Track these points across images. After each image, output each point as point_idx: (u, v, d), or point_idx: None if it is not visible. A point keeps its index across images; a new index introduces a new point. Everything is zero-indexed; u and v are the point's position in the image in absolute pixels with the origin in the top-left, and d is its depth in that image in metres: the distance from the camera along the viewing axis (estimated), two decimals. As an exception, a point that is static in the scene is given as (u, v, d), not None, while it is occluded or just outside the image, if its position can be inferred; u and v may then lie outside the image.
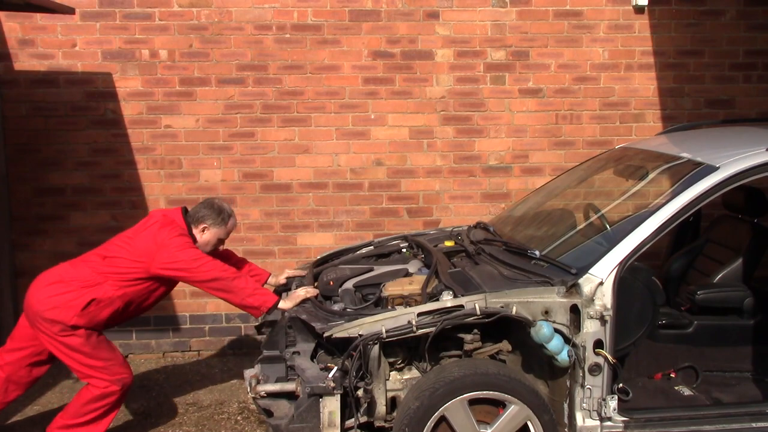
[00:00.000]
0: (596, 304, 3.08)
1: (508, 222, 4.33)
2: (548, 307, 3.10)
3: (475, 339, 3.24)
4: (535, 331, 3.03)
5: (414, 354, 3.29)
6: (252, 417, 4.33)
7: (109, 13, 5.11)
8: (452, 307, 3.12)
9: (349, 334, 3.11)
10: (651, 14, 5.41)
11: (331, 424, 3.10)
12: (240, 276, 3.61)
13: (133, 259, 3.60)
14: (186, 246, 3.59)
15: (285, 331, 3.47)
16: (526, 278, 3.27)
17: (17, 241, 5.20)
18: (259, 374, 3.39)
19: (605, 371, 3.11)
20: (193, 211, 3.79)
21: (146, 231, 3.65)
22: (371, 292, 3.57)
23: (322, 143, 5.32)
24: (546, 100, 5.43)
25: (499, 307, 3.10)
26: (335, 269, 3.88)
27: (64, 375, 4.97)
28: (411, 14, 5.27)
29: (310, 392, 3.10)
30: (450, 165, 5.42)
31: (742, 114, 5.51)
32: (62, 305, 3.53)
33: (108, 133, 5.20)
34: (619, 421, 3.17)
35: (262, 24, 5.20)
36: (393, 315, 3.14)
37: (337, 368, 3.11)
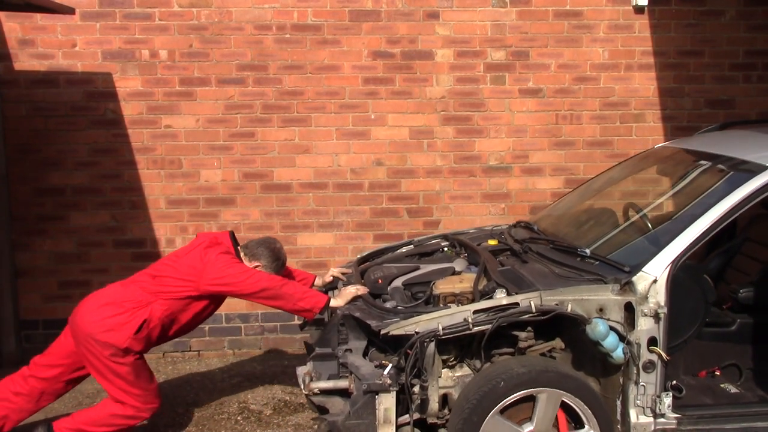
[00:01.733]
0: (650, 302, 3.12)
1: (550, 221, 4.35)
2: (603, 305, 3.13)
3: (529, 336, 3.27)
4: (590, 329, 3.06)
5: (465, 351, 3.33)
6: (252, 417, 4.33)
7: (109, 13, 5.11)
8: (508, 304, 3.16)
9: (405, 331, 3.14)
10: (651, 14, 5.41)
11: (387, 420, 3.14)
12: (287, 282, 3.66)
13: (181, 277, 3.64)
14: (232, 262, 3.66)
15: (337, 329, 3.50)
16: (578, 276, 3.30)
17: (17, 241, 5.20)
18: (312, 371, 3.41)
19: (659, 368, 3.15)
20: (251, 244, 3.86)
21: (194, 251, 3.72)
22: (421, 290, 3.60)
23: (322, 143, 5.32)
24: (546, 100, 5.43)
25: (554, 304, 3.13)
26: (381, 268, 3.91)
27: (64, 375, 4.98)
28: (411, 14, 5.27)
29: (366, 389, 3.14)
30: (450, 165, 5.42)
31: (743, 114, 5.51)
32: (116, 328, 3.56)
33: (108, 133, 5.20)
34: (672, 418, 3.20)
35: (262, 24, 5.20)
36: (449, 313, 3.17)
37: (391, 365, 3.15)
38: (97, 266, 5.26)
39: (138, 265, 5.25)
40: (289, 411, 4.39)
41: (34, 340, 5.25)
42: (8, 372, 5.01)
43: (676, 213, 3.61)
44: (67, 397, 4.61)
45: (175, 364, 5.23)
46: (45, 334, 5.26)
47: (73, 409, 4.45)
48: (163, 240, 5.29)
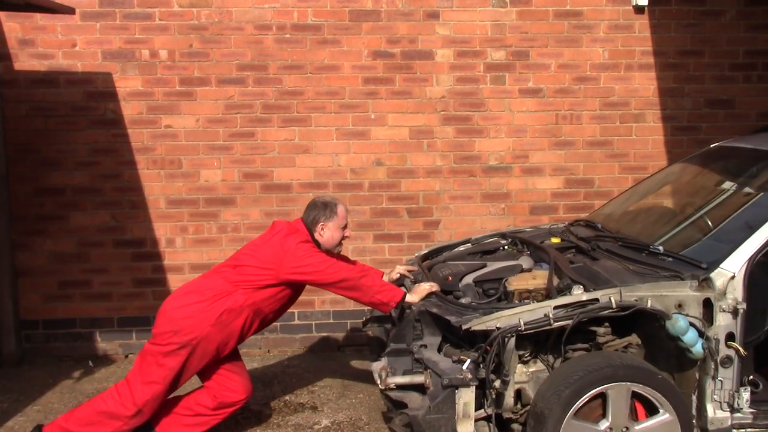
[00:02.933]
0: (728, 298, 3.19)
1: (610, 219, 4.39)
2: (681, 301, 3.20)
3: (607, 332, 3.33)
4: (671, 324, 3.12)
5: (540, 347, 3.36)
6: (252, 417, 4.33)
7: (109, 13, 5.11)
8: (587, 300, 3.21)
9: (487, 326, 3.19)
10: (651, 14, 5.41)
11: (466, 415, 3.18)
12: (366, 274, 3.71)
13: (262, 266, 3.67)
14: (313, 251, 3.70)
15: (412, 325, 3.53)
16: (654, 273, 3.36)
17: (17, 241, 5.20)
18: (387, 367, 3.45)
19: (736, 363, 3.21)
20: (305, 217, 3.87)
21: (273, 239, 3.74)
22: (492, 287, 3.64)
23: (322, 143, 5.32)
24: (546, 100, 5.43)
25: (633, 300, 3.19)
26: (448, 265, 3.96)
27: (64, 375, 4.98)
28: (411, 14, 5.27)
29: (447, 384, 3.17)
30: (450, 165, 5.42)
31: (743, 114, 5.51)
32: (195, 315, 3.58)
33: (108, 133, 5.20)
34: (748, 413, 3.25)
35: (262, 24, 5.20)
36: (529, 308, 3.22)
37: (470, 360, 3.19)
38: (97, 266, 5.26)
39: (138, 264, 5.28)
40: (289, 411, 4.39)
41: (34, 340, 5.26)
42: (8, 372, 5.04)
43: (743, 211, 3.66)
44: (66, 398, 4.62)
45: (175, 364, 5.22)
46: (45, 334, 5.27)
47: (73, 409, 4.46)
48: (163, 240, 5.29)
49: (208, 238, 5.30)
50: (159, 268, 5.29)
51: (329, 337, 5.45)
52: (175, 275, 5.30)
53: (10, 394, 4.66)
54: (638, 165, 5.50)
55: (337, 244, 3.89)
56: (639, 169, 5.49)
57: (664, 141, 5.51)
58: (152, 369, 3.59)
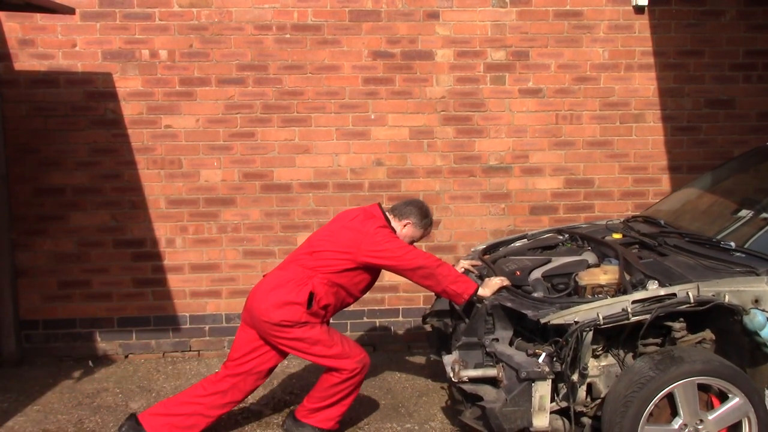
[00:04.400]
0: None
1: (669, 215, 4.41)
2: (758, 296, 3.21)
3: (682, 327, 3.34)
4: (749, 319, 3.14)
5: (612, 342, 3.38)
6: (252, 417, 4.33)
7: (109, 13, 5.11)
8: (665, 295, 3.23)
9: (565, 320, 3.23)
10: (651, 14, 5.41)
11: (542, 407, 3.22)
12: (442, 263, 3.74)
13: (339, 250, 3.74)
14: (391, 237, 3.79)
15: (484, 319, 3.56)
16: (728, 268, 3.37)
17: (17, 241, 5.20)
18: (460, 360, 3.50)
19: None
20: (400, 206, 4.00)
21: (350, 222, 3.82)
22: (562, 282, 3.68)
23: (322, 143, 5.32)
24: (546, 100, 5.43)
25: (711, 295, 3.19)
26: (513, 260, 4.00)
27: (64, 375, 4.98)
28: (411, 14, 5.27)
29: (524, 377, 3.21)
30: (450, 165, 5.42)
31: (743, 114, 5.51)
32: (286, 306, 3.66)
33: (108, 133, 5.20)
34: None
35: (262, 24, 5.20)
36: (607, 303, 3.25)
37: (545, 354, 3.22)
38: (97, 266, 5.26)
39: (138, 264, 5.28)
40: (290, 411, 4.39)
41: (34, 340, 5.26)
42: (8, 372, 5.04)
43: None
44: (66, 398, 4.62)
45: (175, 364, 5.23)
46: (45, 334, 5.27)
47: (73, 409, 4.46)
48: (163, 240, 5.28)
49: (208, 238, 5.30)
50: (159, 268, 5.29)
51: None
52: (175, 275, 5.30)
53: (10, 394, 4.67)
54: (638, 165, 5.50)
55: None
56: (639, 169, 5.50)
57: (664, 141, 5.51)
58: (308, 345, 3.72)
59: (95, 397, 4.64)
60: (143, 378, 4.96)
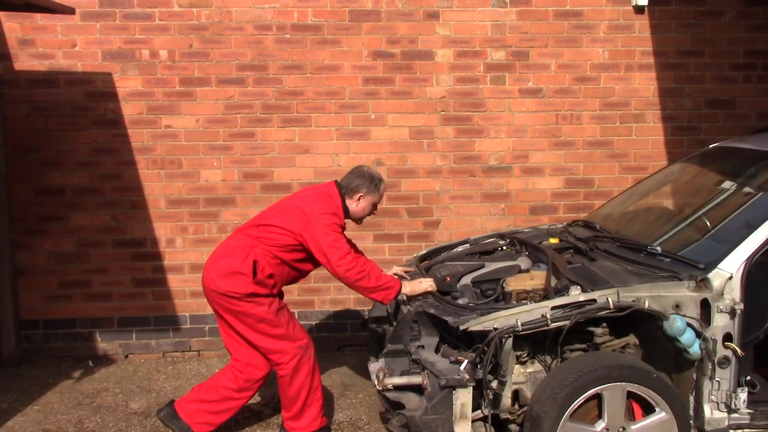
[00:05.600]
0: (726, 298, 3.18)
1: (608, 219, 4.39)
2: (679, 302, 3.19)
3: (605, 332, 3.33)
4: (668, 325, 3.12)
5: (537, 348, 3.36)
6: (252, 417, 4.33)
7: (109, 13, 5.11)
8: (585, 301, 3.21)
9: (484, 327, 3.20)
10: (651, 14, 5.41)
11: (463, 415, 3.19)
12: (365, 275, 3.69)
13: (284, 227, 3.73)
14: (332, 230, 3.70)
15: (409, 326, 3.54)
16: (651, 273, 3.36)
17: (17, 241, 5.20)
18: (385, 368, 3.47)
19: (733, 364, 3.20)
20: (346, 182, 3.90)
21: (300, 201, 3.80)
22: (491, 288, 3.65)
23: (322, 143, 5.32)
24: (546, 100, 5.43)
25: (631, 301, 3.18)
26: (446, 266, 3.96)
27: (64, 375, 4.98)
28: (411, 14, 5.27)
29: (444, 384, 3.18)
30: (450, 165, 5.42)
31: (743, 114, 5.51)
32: (233, 276, 3.66)
33: (108, 133, 5.20)
34: (745, 413, 3.25)
35: (262, 24, 5.20)
36: (526, 309, 3.23)
37: (468, 361, 3.20)
38: (97, 266, 5.26)
39: (138, 264, 5.28)
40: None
41: (34, 340, 5.26)
42: (8, 372, 5.04)
43: (742, 211, 3.64)
44: (66, 398, 4.62)
45: (175, 364, 5.23)
46: (45, 334, 5.27)
47: (73, 409, 4.46)
48: (163, 240, 5.28)
49: (208, 238, 5.29)
50: (159, 268, 5.29)
51: (329, 337, 5.45)
52: (175, 275, 5.30)
53: (10, 394, 4.67)
54: (638, 165, 5.50)
55: (363, 217, 3.97)
56: (639, 169, 5.49)
57: (664, 141, 5.51)
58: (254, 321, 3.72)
59: (95, 397, 4.64)
60: (143, 378, 4.96)
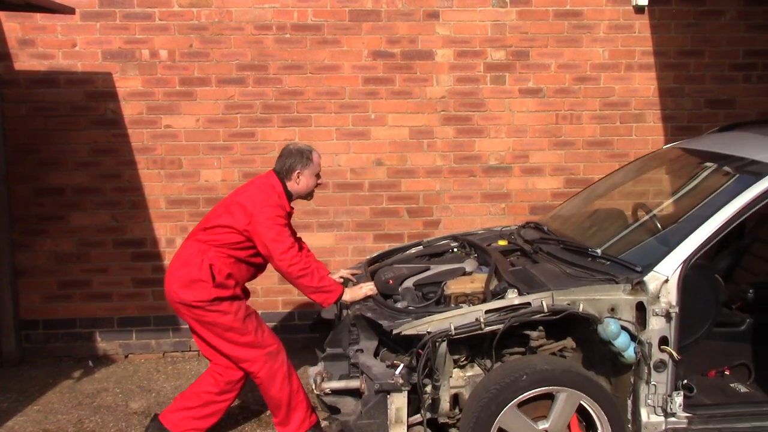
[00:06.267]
0: (662, 302, 3.13)
1: (559, 221, 4.36)
2: (614, 305, 3.14)
3: (540, 336, 3.29)
4: (602, 328, 3.07)
5: (476, 351, 3.33)
6: (252, 417, 4.33)
7: (109, 13, 5.11)
8: (519, 304, 3.17)
9: (417, 331, 3.15)
10: (651, 14, 5.41)
11: (398, 420, 3.15)
12: (307, 274, 3.65)
13: (229, 225, 3.68)
14: (274, 223, 3.65)
15: (348, 329, 3.51)
16: (589, 276, 3.31)
17: (17, 241, 5.20)
18: (323, 372, 3.43)
19: (670, 368, 3.16)
20: (279, 166, 3.85)
21: (241, 197, 3.76)
22: (432, 291, 3.61)
23: (322, 143, 5.31)
24: (546, 100, 5.43)
25: (565, 304, 3.15)
26: (392, 268, 3.91)
27: (64, 375, 4.98)
28: (411, 14, 5.27)
29: (378, 389, 3.14)
30: (450, 165, 5.42)
31: (743, 114, 5.51)
32: (193, 285, 3.62)
33: (108, 133, 5.20)
34: (683, 417, 3.20)
35: (262, 24, 5.20)
36: (460, 313, 3.19)
37: (403, 365, 3.15)
38: (97, 266, 5.26)
39: (138, 264, 5.28)
40: None
41: (34, 340, 5.26)
42: (8, 372, 5.04)
43: (686, 213, 3.61)
44: (66, 398, 4.62)
45: (175, 364, 5.22)
46: (45, 334, 5.27)
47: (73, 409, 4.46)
48: (163, 240, 5.28)
49: (208, 238, 5.29)
50: (159, 268, 5.29)
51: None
52: (175, 275, 5.30)
53: (10, 394, 4.66)
54: (638, 165, 5.51)
55: (310, 192, 3.90)
56: (639, 169, 5.50)
57: (664, 141, 5.51)
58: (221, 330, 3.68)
59: (95, 397, 4.64)
60: (143, 378, 4.96)
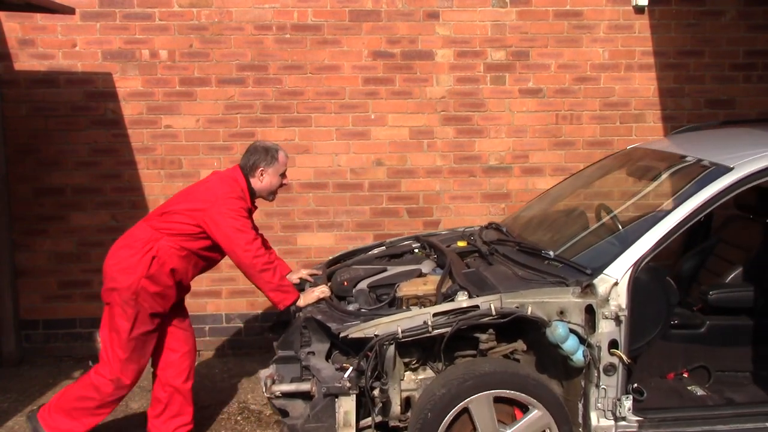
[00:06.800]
0: (611, 305, 3.09)
1: (520, 222, 4.33)
2: (563, 308, 3.11)
3: (490, 339, 3.26)
4: (550, 332, 3.04)
5: (428, 354, 3.30)
6: (252, 417, 4.33)
7: (109, 13, 5.11)
8: (468, 307, 3.14)
9: (365, 334, 3.12)
10: (651, 14, 5.41)
11: (347, 423, 3.12)
12: (268, 269, 3.58)
13: (187, 212, 3.60)
14: (237, 215, 3.57)
15: (300, 332, 3.48)
16: (540, 278, 3.28)
17: (17, 241, 5.20)
18: (275, 374, 3.40)
19: (620, 371, 3.12)
20: (244, 162, 3.78)
21: (205, 185, 3.71)
22: (385, 293, 3.57)
23: (322, 143, 5.32)
24: (546, 101, 5.43)
25: (514, 307, 3.11)
26: (349, 269, 3.89)
27: (64, 375, 4.98)
28: (411, 14, 5.28)
29: (326, 392, 3.13)
30: (450, 165, 5.42)
31: (742, 114, 5.51)
32: (129, 269, 3.54)
33: (108, 133, 5.20)
34: (633, 421, 3.17)
35: (262, 24, 5.20)
36: (409, 315, 3.15)
37: (352, 368, 3.13)
38: (97, 266, 5.18)
39: (138, 265, 5.27)
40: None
41: (34, 340, 5.26)
42: (8, 372, 5.04)
43: (642, 215, 3.58)
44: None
45: (175, 364, 5.22)
46: (45, 334, 5.27)
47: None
48: (163, 240, 5.28)
49: (208, 238, 5.29)
50: (159, 268, 5.29)
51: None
52: (175, 275, 5.30)
53: (10, 394, 4.66)
54: (638, 165, 5.51)
55: (273, 191, 3.85)
56: (639, 169, 5.50)
57: (664, 141, 5.51)
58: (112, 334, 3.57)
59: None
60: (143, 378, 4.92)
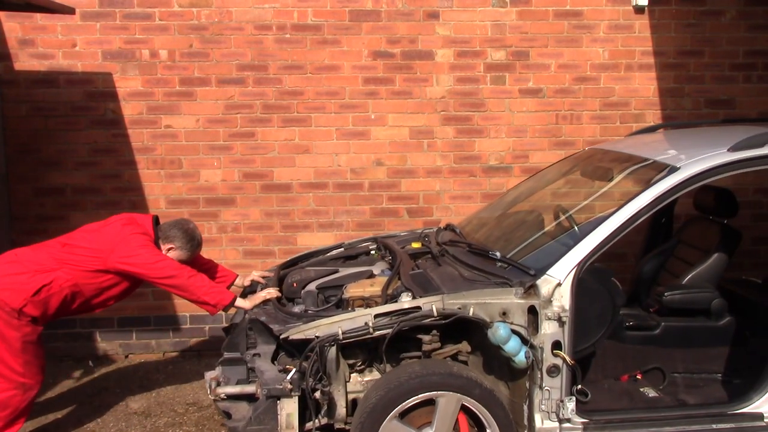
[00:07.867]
0: (554, 305, 3.06)
1: (477, 224, 4.32)
2: (506, 309, 3.08)
3: (433, 340, 3.25)
4: (491, 333, 3.01)
5: (374, 356, 3.29)
6: (252, 417, 4.33)
7: (109, 13, 5.11)
8: (409, 308, 3.12)
9: (305, 335, 3.11)
10: (651, 14, 5.41)
11: (289, 426, 3.11)
12: (196, 274, 3.61)
13: (93, 249, 3.60)
14: (146, 244, 3.62)
15: (246, 333, 3.46)
16: (485, 279, 3.25)
17: (17, 241, 5.19)
18: (220, 376, 3.37)
19: (564, 373, 3.09)
20: (165, 227, 3.80)
21: (111, 225, 3.70)
22: (333, 294, 3.56)
23: (322, 143, 5.32)
24: (546, 100, 5.43)
25: (456, 308, 3.09)
26: (300, 271, 3.87)
27: (64, 375, 4.98)
28: (411, 14, 5.27)
29: (267, 394, 3.11)
30: (450, 165, 5.42)
31: (743, 114, 5.51)
32: (14, 287, 3.50)
33: (108, 133, 5.20)
34: (578, 423, 3.15)
35: (262, 24, 5.20)
36: (350, 317, 3.13)
37: (295, 370, 3.11)
38: (97, 266, 5.26)
39: (138, 265, 5.27)
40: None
41: (34, 340, 5.25)
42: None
43: (590, 216, 3.56)
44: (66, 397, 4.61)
45: (175, 364, 5.22)
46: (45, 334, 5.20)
47: (73, 409, 4.45)
48: (163, 240, 5.28)
49: (208, 238, 5.28)
50: (159, 268, 5.29)
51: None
52: (175, 275, 5.29)
53: (10, 394, 4.66)
54: (638, 165, 5.50)
55: None
56: (639, 169, 5.49)
57: (664, 141, 5.51)
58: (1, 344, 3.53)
59: (95, 397, 4.64)
60: (143, 378, 4.96)
